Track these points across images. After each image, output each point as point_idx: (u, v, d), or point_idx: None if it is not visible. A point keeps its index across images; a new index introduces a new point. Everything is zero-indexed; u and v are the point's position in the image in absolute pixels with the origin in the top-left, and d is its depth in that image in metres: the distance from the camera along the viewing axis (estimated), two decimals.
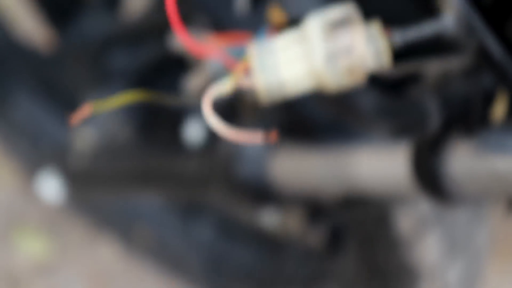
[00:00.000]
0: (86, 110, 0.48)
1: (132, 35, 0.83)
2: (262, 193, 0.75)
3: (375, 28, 0.45)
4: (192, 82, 0.63)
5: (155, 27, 0.78)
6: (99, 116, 0.85)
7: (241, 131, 0.41)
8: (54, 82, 0.94)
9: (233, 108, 0.70)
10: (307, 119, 0.70)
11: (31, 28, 0.96)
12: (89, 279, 1.07)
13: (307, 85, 0.46)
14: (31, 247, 1.08)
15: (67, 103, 0.93)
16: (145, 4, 0.81)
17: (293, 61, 0.46)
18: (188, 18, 0.71)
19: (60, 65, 0.91)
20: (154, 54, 0.81)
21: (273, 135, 0.38)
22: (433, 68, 0.57)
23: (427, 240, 0.74)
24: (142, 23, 0.81)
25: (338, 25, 0.45)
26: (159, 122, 0.85)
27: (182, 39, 0.45)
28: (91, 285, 1.06)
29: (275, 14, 0.50)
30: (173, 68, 0.78)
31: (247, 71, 0.46)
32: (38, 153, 0.97)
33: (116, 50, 0.84)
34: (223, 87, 0.46)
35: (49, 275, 1.06)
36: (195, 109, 0.78)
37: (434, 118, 0.57)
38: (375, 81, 0.52)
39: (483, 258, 0.82)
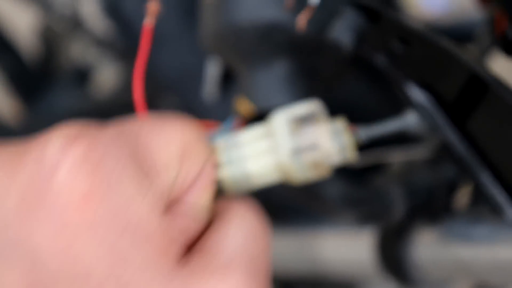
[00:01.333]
0: None
1: (100, 111, 0.83)
2: None
3: (340, 125, 0.46)
4: None
5: (124, 104, 0.78)
6: None
7: None
8: None
9: None
10: (276, 202, 0.70)
11: (0, 100, 0.96)
12: None
13: (273, 177, 0.47)
14: None
15: None
16: (114, 82, 0.81)
17: (259, 155, 0.46)
18: (158, 100, 0.72)
19: (28, 138, 0.91)
20: None
21: None
22: (398, 157, 0.58)
23: None
24: (111, 100, 0.81)
25: (304, 121, 0.45)
26: None
27: None
28: None
29: (243, 105, 0.51)
30: None
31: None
32: None
33: None
34: None
35: None
36: None
37: (399, 206, 0.57)
38: (341, 171, 0.52)
39: None
